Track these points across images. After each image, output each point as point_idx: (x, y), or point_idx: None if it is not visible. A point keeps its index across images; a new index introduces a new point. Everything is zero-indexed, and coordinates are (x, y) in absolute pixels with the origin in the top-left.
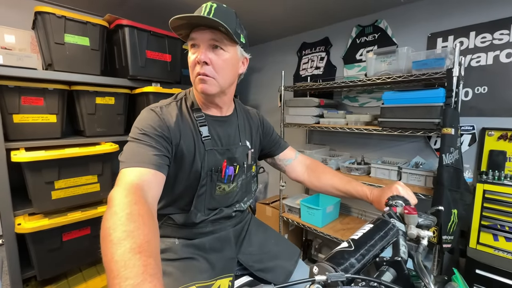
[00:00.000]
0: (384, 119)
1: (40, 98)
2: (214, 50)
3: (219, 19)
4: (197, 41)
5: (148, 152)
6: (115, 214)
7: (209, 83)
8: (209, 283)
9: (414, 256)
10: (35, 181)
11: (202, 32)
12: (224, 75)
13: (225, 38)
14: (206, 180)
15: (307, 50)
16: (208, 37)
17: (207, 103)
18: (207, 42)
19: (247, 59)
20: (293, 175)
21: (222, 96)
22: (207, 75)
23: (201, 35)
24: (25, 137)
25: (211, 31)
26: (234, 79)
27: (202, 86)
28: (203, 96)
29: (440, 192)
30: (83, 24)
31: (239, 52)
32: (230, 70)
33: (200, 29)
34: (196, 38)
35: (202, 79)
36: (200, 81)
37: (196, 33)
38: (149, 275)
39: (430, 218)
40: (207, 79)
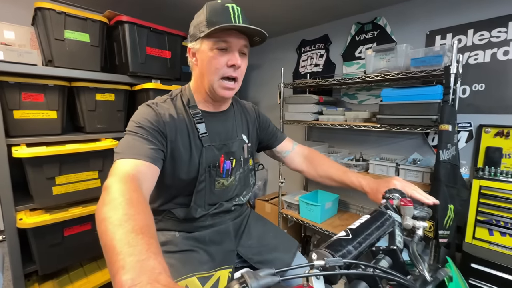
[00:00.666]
0: (382, 116)
1: (41, 94)
2: (241, 56)
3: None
4: (232, 45)
5: (143, 145)
6: (114, 199)
7: (233, 90)
8: (209, 274)
9: (410, 245)
10: (36, 176)
11: (237, 38)
12: (242, 78)
13: (248, 45)
14: (204, 176)
15: (307, 47)
16: (243, 43)
17: (214, 102)
18: (239, 47)
19: None
20: (292, 166)
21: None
22: (238, 79)
23: (237, 41)
24: (25, 133)
25: (245, 38)
26: None
27: (228, 93)
28: (219, 99)
29: (437, 188)
30: (83, 20)
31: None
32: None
33: (235, 34)
34: (231, 42)
35: (229, 87)
36: (226, 88)
37: (231, 38)
38: (153, 253)
39: (425, 210)
40: (234, 86)
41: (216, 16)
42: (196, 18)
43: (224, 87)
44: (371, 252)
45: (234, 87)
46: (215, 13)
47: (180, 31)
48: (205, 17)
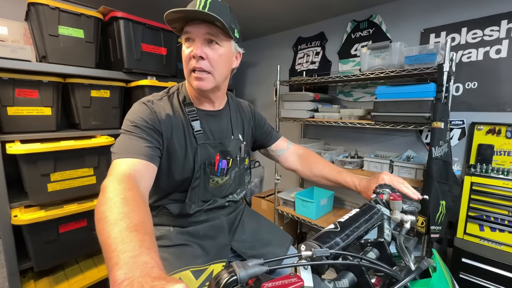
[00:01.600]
0: (377, 113)
1: (35, 90)
2: (209, 45)
3: (215, 14)
4: (192, 35)
5: (140, 144)
6: (109, 199)
7: (205, 80)
8: (203, 267)
9: (397, 238)
10: (31, 173)
11: (197, 26)
12: (219, 70)
13: (221, 33)
14: (199, 173)
15: (303, 45)
16: (204, 31)
17: (201, 98)
18: (202, 36)
19: (240, 54)
20: (287, 165)
21: (216, 91)
22: (203, 69)
23: (197, 29)
24: (20, 129)
25: (206, 25)
26: (228, 74)
27: (198, 83)
28: (198, 92)
29: (429, 184)
30: (77, 16)
31: (233, 47)
32: (225, 65)
33: (196, 23)
34: (191, 32)
35: (198, 77)
36: (195, 78)
37: (191, 27)
38: (146, 248)
39: (414, 204)
40: (204, 76)
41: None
42: None
43: (195, 77)
44: (359, 245)
45: (204, 77)
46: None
47: None
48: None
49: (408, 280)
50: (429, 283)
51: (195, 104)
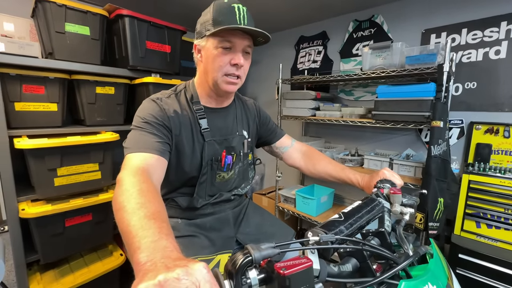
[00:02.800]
0: (377, 112)
1: (41, 86)
2: (244, 55)
3: (252, 26)
4: (234, 45)
5: (150, 139)
6: (126, 190)
7: (237, 84)
8: (210, 257)
9: (397, 229)
10: (38, 168)
11: (241, 38)
12: (245, 76)
13: (252, 45)
14: (207, 169)
15: (305, 44)
16: (246, 43)
17: (216, 97)
18: (243, 47)
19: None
20: (290, 162)
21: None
22: (240, 76)
23: (241, 41)
24: (26, 125)
25: (249, 38)
26: None
27: (231, 87)
28: (223, 93)
29: (428, 182)
30: (84, 13)
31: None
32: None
33: (239, 34)
34: (235, 42)
35: (232, 82)
36: (229, 83)
37: (235, 38)
38: (164, 234)
39: (413, 198)
40: (236, 81)
41: (222, 16)
42: (203, 16)
43: (228, 81)
44: (361, 234)
45: (237, 82)
46: (221, 13)
47: (179, 26)
48: (212, 16)
49: (406, 263)
50: (426, 268)
51: (202, 102)
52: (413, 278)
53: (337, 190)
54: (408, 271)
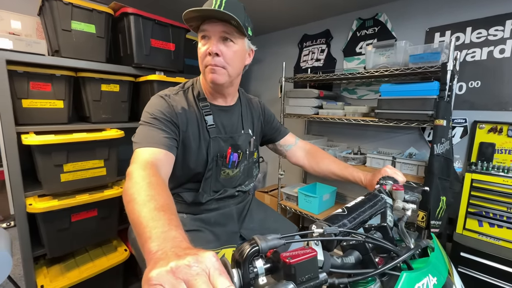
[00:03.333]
0: (380, 111)
1: (48, 83)
2: (224, 42)
3: (230, 12)
4: (208, 33)
5: (159, 135)
6: (136, 183)
7: (219, 73)
8: (215, 251)
9: (399, 224)
10: (45, 164)
11: (213, 25)
12: (234, 66)
13: (235, 31)
14: (212, 165)
15: (308, 42)
16: (220, 29)
17: (215, 93)
18: (218, 34)
19: (253, 51)
20: (294, 160)
21: (230, 86)
22: (218, 65)
23: (213, 27)
24: (33, 121)
25: (222, 23)
26: (241, 70)
27: (212, 76)
28: (212, 86)
29: (430, 180)
30: (89, 11)
31: (246, 44)
32: (238, 61)
33: (212, 21)
34: (207, 30)
35: (213, 69)
36: (210, 70)
37: (207, 25)
38: (174, 226)
39: (415, 195)
40: (217, 69)
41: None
42: None
43: (210, 69)
44: (364, 229)
45: (218, 71)
46: (204, 4)
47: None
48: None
49: (408, 255)
50: (427, 260)
51: (208, 99)
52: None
53: (339, 189)
54: (409, 263)
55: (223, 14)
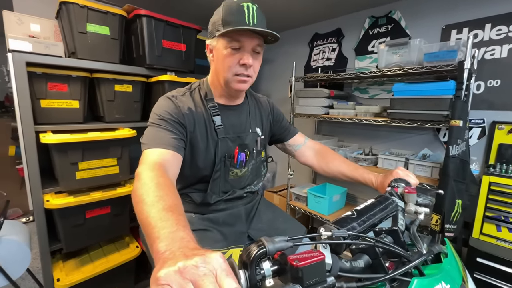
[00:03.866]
0: (393, 111)
1: (65, 84)
2: (254, 54)
3: (262, 25)
4: (244, 45)
5: (166, 136)
6: (145, 184)
7: (247, 83)
8: (222, 251)
9: (411, 228)
10: (61, 162)
11: (250, 38)
12: (256, 74)
13: (262, 43)
14: (220, 165)
15: (319, 41)
16: (255, 43)
17: (228, 96)
18: (251, 47)
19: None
20: (303, 160)
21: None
22: (250, 76)
23: (249, 41)
24: (51, 121)
25: (258, 38)
26: None
27: (241, 86)
28: (234, 92)
29: (445, 182)
30: (104, 14)
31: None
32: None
33: (249, 35)
34: (243, 42)
35: (243, 80)
36: (239, 81)
37: (244, 37)
38: (182, 226)
39: (428, 198)
40: (247, 80)
41: (231, 16)
42: (214, 15)
43: (238, 80)
44: (374, 233)
45: (247, 80)
46: (230, 13)
47: (194, 25)
48: (221, 16)
49: (420, 261)
50: (440, 267)
51: (216, 100)
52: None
53: (350, 190)
54: (421, 269)
55: (266, 33)
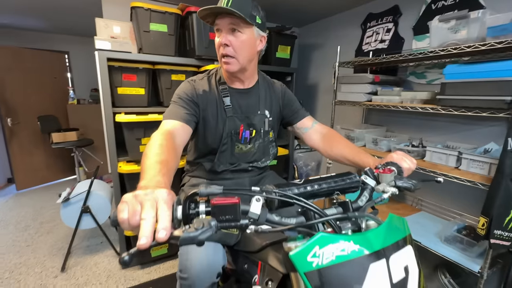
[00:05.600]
0: (443, 97)
1: (134, 75)
2: (233, 33)
3: (235, 7)
4: (220, 26)
5: (180, 111)
6: (151, 143)
7: (230, 63)
8: None
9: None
10: (129, 137)
11: (222, 19)
12: (243, 54)
13: (242, 22)
14: (227, 140)
15: (373, 22)
16: (227, 22)
17: (231, 78)
18: (227, 26)
19: (265, 37)
20: (310, 143)
21: (244, 71)
22: (228, 55)
23: (222, 21)
24: (124, 104)
25: (229, 17)
26: (253, 56)
27: (226, 67)
28: (228, 73)
29: (497, 181)
30: (163, 13)
31: (255, 32)
32: (247, 49)
33: (222, 16)
34: (219, 24)
35: (226, 61)
36: (224, 63)
37: (219, 20)
38: (162, 174)
39: (411, 182)
40: (229, 60)
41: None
42: None
43: (224, 62)
44: (329, 201)
45: (230, 61)
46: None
47: None
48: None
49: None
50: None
51: (227, 83)
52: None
53: None
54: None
55: (227, 10)
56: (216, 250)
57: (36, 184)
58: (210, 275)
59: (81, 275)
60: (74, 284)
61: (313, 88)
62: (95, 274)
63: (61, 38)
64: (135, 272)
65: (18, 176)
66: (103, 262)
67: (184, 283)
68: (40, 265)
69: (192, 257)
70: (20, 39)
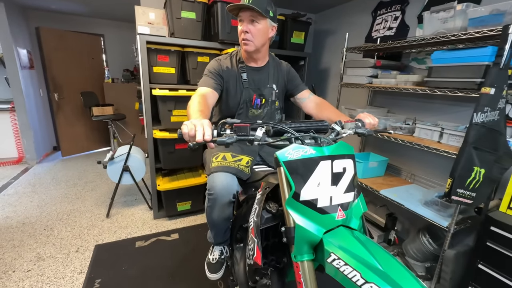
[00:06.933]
0: (429, 79)
1: (167, 56)
2: (252, 23)
3: (255, 4)
4: (242, 18)
5: (210, 81)
6: (193, 100)
7: (249, 45)
8: (237, 155)
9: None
10: (162, 108)
11: (245, 12)
12: (258, 39)
13: (259, 15)
14: (243, 105)
15: (382, 10)
16: (248, 14)
17: (249, 57)
18: (248, 18)
19: (275, 27)
20: (306, 110)
21: (258, 53)
22: (248, 39)
23: (244, 14)
24: (158, 81)
25: (250, 11)
26: (266, 41)
27: (245, 47)
28: (246, 53)
29: (463, 148)
30: (192, 2)
31: (268, 23)
32: (262, 35)
33: (244, 10)
34: (242, 16)
35: (245, 43)
36: (243, 44)
37: (242, 13)
38: (201, 115)
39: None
40: (248, 42)
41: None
42: None
43: (243, 43)
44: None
45: (248, 43)
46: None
47: None
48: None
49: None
50: (320, 148)
51: (245, 62)
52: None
53: (394, 161)
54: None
55: (249, 6)
56: (233, 179)
57: (78, 152)
58: (228, 194)
59: (122, 220)
60: (118, 226)
61: (324, 72)
62: (132, 221)
63: (98, 22)
64: (164, 222)
65: (63, 144)
66: (138, 213)
67: (211, 198)
68: (89, 212)
69: (216, 179)
70: (63, 22)
